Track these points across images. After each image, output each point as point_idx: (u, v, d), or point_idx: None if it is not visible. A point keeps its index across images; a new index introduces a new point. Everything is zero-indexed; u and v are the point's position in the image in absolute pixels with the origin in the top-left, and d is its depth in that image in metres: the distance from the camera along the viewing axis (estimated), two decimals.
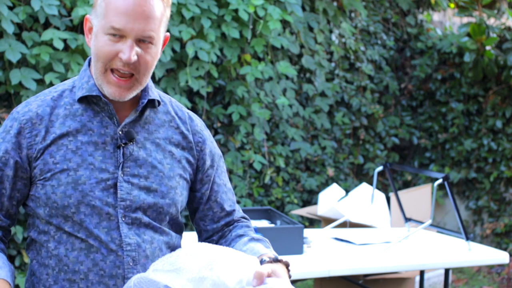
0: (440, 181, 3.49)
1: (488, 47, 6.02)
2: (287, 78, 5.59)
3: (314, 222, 5.80)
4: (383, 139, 6.53)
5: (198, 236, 1.88)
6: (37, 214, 1.66)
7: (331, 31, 6.10)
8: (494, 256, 3.49)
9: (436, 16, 7.32)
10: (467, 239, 3.52)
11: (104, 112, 1.68)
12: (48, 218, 1.64)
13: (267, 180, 5.42)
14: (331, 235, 3.72)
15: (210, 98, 5.19)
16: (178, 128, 1.78)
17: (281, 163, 5.51)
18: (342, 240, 3.61)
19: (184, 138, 1.78)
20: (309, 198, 5.91)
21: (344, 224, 4.11)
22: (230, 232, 1.83)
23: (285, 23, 5.49)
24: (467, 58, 6.05)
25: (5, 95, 4.09)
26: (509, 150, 6.11)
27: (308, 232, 3.64)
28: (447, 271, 3.55)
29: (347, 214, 4.00)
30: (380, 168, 3.87)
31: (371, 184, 4.12)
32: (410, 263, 3.32)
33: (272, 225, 3.44)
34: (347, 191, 4.41)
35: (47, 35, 3.96)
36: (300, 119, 5.84)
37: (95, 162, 1.64)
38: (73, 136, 1.65)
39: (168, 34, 1.74)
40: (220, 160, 1.86)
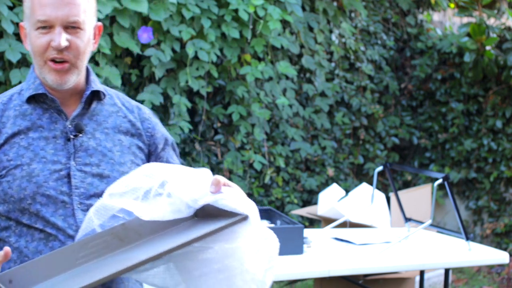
0: (440, 181, 3.49)
1: (488, 47, 6.02)
2: (287, 78, 5.59)
3: (314, 222, 5.80)
4: (383, 139, 6.53)
5: None
6: None
7: (331, 31, 6.10)
8: (494, 256, 3.49)
9: (436, 16, 7.32)
10: (467, 239, 3.52)
11: (52, 108, 1.79)
12: (7, 213, 1.72)
13: (267, 180, 5.42)
14: (331, 235, 3.72)
15: (210, 98, 5.19)
16: (126, 117, 1.88)
17: (281, 163, 5.51)
18: (342, 240, 3.61)
19: (133, 126, 1.88)
20: (309, 198, 5.91)
21: (344, 224, 4.10)
22: None
23: (285, 23, 5.48)
24: (467, 58, 6.05)
25: None
26: (509, 150, 6.11)
27: (308, 232, 3.64)
28: (447, 271, 3.55)
29: (347, 214, 4.00)
30: (380, 168, 3.87)
31: (371, 184, 4.11)
32: (410, 263, 3.32)
33: (272, 225, 3.44)
34: (347, 191, 4.40)
35: None
36: (300, 119, 5.84)
37: (47, 155, 1.74)
38: (24, 134, 1.75)
39: (100, 23, 1.86)
40: (173, 144, 1.96)
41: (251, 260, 1.54)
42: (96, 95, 1.85)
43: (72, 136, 1.77)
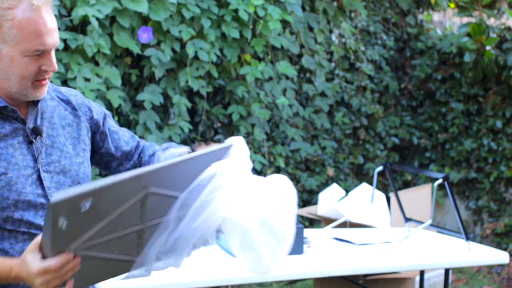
0: (440, 181, 3.49)
1: (488, 47, 6.02)
2: (287, 78, 5.59)
3: (314, 222, 5.80)
4: (383, 139, 6.53)
5: None
6: None
7: (331, 31, 6.10)
8: (494, 256, 3.49)
9: (436, 16, 7.32)
10: (467, 239, 3.52)
11: (10, 116, 1.82)
12: None
13: None
14: (331, 235, 3.72)
15: (210, 98, 5.19)
16: (66, 109, 1.95)
17: (281, 163, 5.51)
18: (342, 240, 3.61)
19: (74, 116, 1.95)
20: (309, 198, 5.91)
21: (344, 224, 4.10)
22: (142, 158, 2.08)
23: (285, 23, 5.48)
24: (467, 58, 6.05)
25: None
26: (509, 150, 6.11)
27: (308, 232, 3.64)
28: (447, 271, 3.55)
29: (347, 214, 4.00)
30: (380, 168, 3.87)
31: (371, 184, 4.11)
32: (410, 263, 3.32)
33: None
34: (347, 191, 4.41)
35: None
36: (300, 119, 5.83)
37: (18, 162, 1.79)
38: None
39: None
40: (108, 115, 2.06)
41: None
42: None
43: (33, 140, 1.83)
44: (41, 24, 1.74)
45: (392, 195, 4.76)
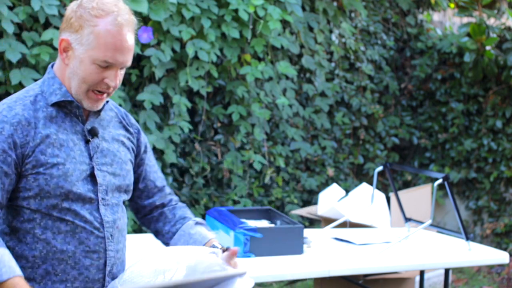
0: (440, 181, 3.49)
1: (488, 47, 6.02)
2: (287, 78, 5.59)
3: (314, 222, 5.79)
4: (383, 139, 6.53)
5: (136, 215, 2.24)
6: (23, 204, 1.89)
7: (331, 31, 6.10)
8: (494, 256, 3.49)
9: (436, 16, 7.32)
10: (467, 239, 3.52)
11: (71, 113, 1.97)
12: (37, 206, 1.89)
13: (267, 180, 5.42)
14: (331, 235, 3.72)
15: (210, 98, 5.19)
16: (121, 122, 2.12)
17: (281, 163, 5.51)
18: (342, 240, 3.61)
19: (127, 130, 2.12)
20: (309, 198, 5.91)
21: (344, 224, 4.10)
22: (171, 212, 2.20)
23: (285, 23, 5.49)
24: (467, 58, 6.05)
25: (5, 95, 4.09)
26: (509, 150, 6.11)
27: (308, 232, 3.64)
28: (447, 271, 3.55)
29: (347, 214, 4.00)
30: (380, 168, 3.87)
31: (371, 184, 4.11)
32: (410, 263, 3.32)
33: (272, 225, 3.44)
34: (347, 191, 4.40)
35: (47, 35, 3.96)
36: (300, 119, 5.83)
37: (76, 156, 1.94)
38: (55, 135, 1.92)
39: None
40: (149, 146, 2.22)
41: None
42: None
43: (90, 139, 1.98)
44: (118, 40, 1.90)
45: (392, 195, 4.76)
